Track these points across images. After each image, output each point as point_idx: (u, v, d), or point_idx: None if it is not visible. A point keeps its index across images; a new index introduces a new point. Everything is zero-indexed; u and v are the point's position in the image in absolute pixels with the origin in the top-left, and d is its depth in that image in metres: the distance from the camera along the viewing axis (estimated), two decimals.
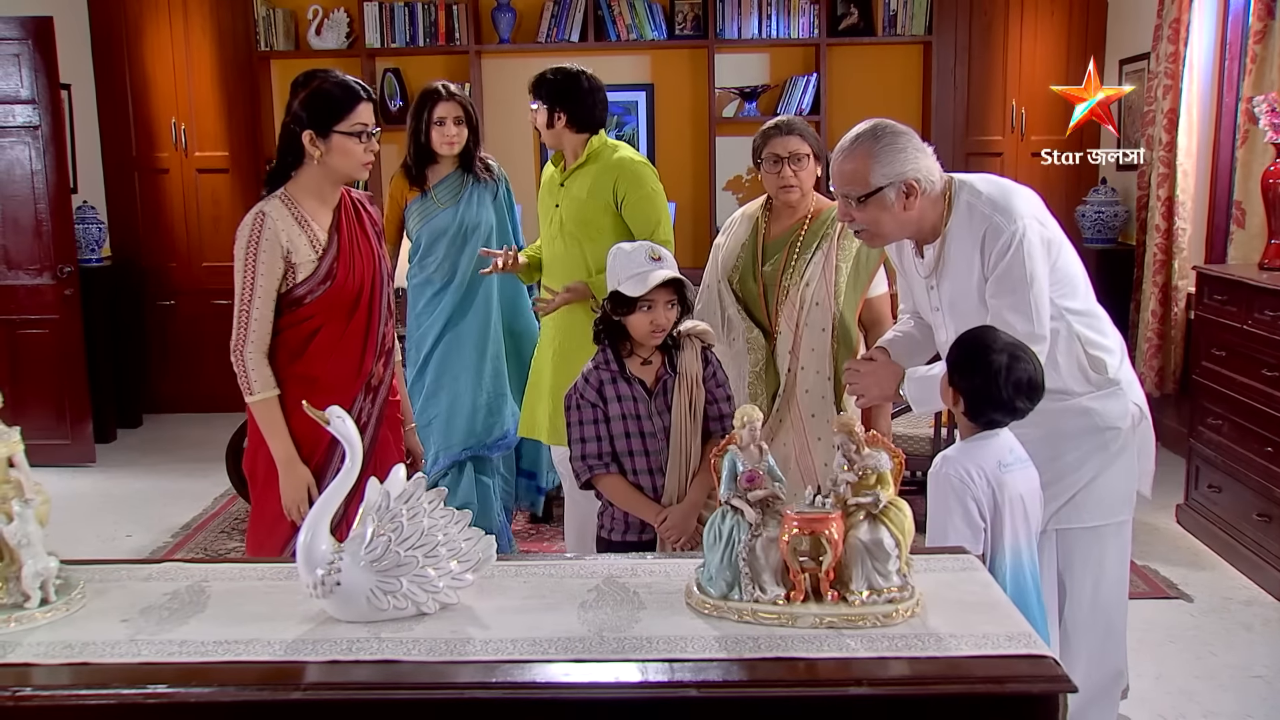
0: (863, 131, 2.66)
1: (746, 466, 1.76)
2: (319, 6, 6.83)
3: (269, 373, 2.75)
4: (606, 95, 3.79)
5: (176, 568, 2.02)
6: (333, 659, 1.66)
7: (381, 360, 2.91)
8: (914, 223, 2.69)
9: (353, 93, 2.77)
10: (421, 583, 1.77)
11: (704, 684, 1.56)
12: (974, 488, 2.24)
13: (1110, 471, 2.76)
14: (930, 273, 2.78)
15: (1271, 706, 3.38)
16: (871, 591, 1.70)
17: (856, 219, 2.68)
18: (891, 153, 2.61)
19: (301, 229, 2.76)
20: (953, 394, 2.33)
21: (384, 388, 2.93)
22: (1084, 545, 2.77)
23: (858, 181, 2.63)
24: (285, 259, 2.74)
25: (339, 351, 2.83)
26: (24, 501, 1.81)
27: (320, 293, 2.78)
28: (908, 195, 2.62)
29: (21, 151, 5.89)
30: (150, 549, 4.85)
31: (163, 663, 1.65)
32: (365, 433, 2.82)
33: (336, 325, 2.82)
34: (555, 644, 1.67)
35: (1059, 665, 1.55)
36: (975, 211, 2.65)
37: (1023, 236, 2.58)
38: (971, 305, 2.68)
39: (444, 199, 4.21)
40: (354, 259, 2.83)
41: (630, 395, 2.74)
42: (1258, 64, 4.78)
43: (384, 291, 2.91)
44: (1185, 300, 5.53)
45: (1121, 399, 2.77)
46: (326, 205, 2.83)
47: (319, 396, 2.46)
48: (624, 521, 2.80)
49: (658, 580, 1.88)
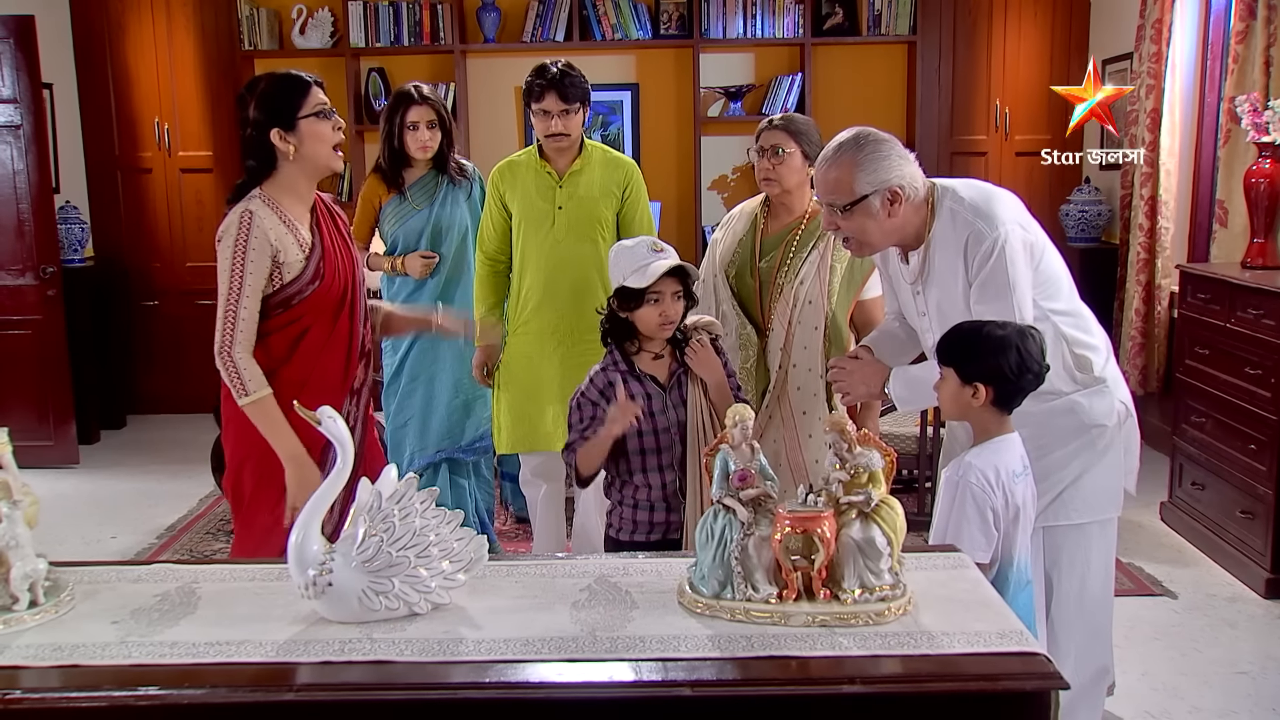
0: (845, 140, 2.66)
1: (738, 465, 1.76)
2: (303, 6, 6.80)
3: (260, 372, 2.70)
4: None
5: (166, 569, 2.01)
6: (325, 660, 1.65)
7: (363, 363, 2.90)
8: (899, 230, 2.70)
9: (301, 80, 2.78)
10: (413, 583, 1.77)
11: (697, 683, 1.56)
12: (994, 497, 2.24)
13: (1097, 469, 2.77)
14: (916, 279, 2.79)
15: (1255, 702, 3.40)
16: (864, 590, 1.70)
17: (842, 228, 2.68)
18: (875, 160, 2.61)
19: (287, 228, 2.74)
20: (972, 390, 2.30)
21: (366, 390, 2.92)
22: (1071, 542, 2.78)
23: (842, 190, 2.63)
24: (273, 259, 2.71)
25: (327, 353, 2.80)
26: (12, 503, 1.80)
27: (309, 293, 2.76)
28: (892, 202, 2.63)
29: (3, 151, 5.85)
30: (135, 550, 4.83)
31: (154, 664, 1.64)
32: (354, 434, 2.77)
33: (323, 327, 2.79)
34: (548, 644, 1.67)
35: (1050, 662, 1.56)
36: (958, 218, 2.66)
37: (1005, 242, 2.59)
38: (958, 312, 2.68)
39: (419, 200, 4.23)
40: (336, 259, 2.82)
41: (644, 393, 2.73)
42: (1239, 64, 4.80)
43: (362, 292, 2.90)
44: (1168, 299, 5.56)
45: (1108, 397, 2.78)
46: (304, 204, 2.82)
47: (308, 399, 2.42)
48: (632, 521, 2.79)
49: (650, 579, 1.88)
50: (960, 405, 2.32)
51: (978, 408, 2.31)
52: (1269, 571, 4.11)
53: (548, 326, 3.80)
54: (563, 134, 3.68)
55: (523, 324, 3.86)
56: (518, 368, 3.89)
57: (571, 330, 3.76)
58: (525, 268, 3.83)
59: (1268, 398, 4.11)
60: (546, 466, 3.96)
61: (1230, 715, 3.33)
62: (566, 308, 3.76)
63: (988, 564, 2.18)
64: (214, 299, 2.74)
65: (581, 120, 3.73)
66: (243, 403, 2.67)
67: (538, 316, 3.81)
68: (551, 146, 3.74)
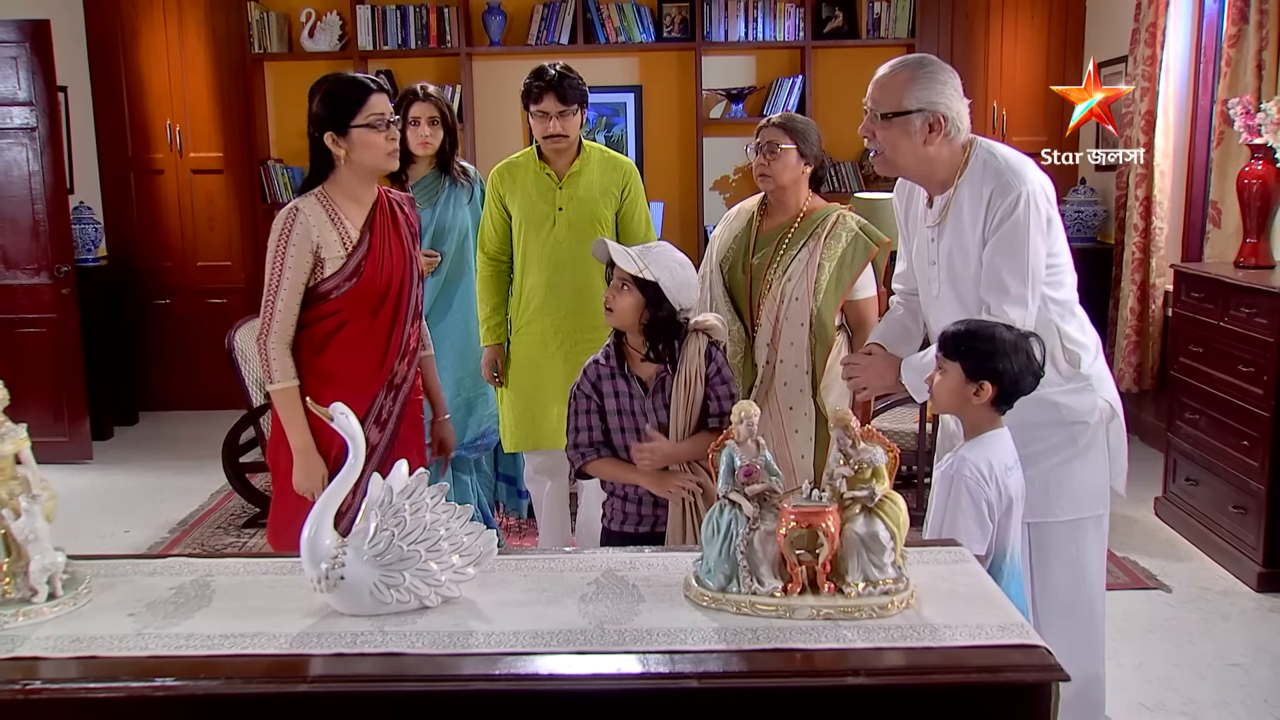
0: (910, 58, 2.68)
1: (744, 461, 1.75)
2: (312, 9, 6.80)
3: (290, 363, 2.79)
4: None
5: (181, 563, 2.01)
6: (338, 652, 1.65)
7: (405, 360, 2.93)
8: (928, 162, 2.67)
9: (362, 86, 2.81)
10: (424, 576, 1.76)
11: (705, 675, 1.55)
12: (988, 489, 2.23)
13: (1079, 465, 2.72)
14: (936, 223, 2.76)
15: (1249, 694, 3.40)
16: (867, 583, 1.70)
17: (877, 136, 2.66)
18: (930, 82, 2.61)
19: (334, 225, 2.80)
20: (976, 387, 2.30)
21: (407, 386, 2.94)
22: (1057, 539, 2.74)
23: (889, 99, 2.62)
24: (314, 254, 2.78)
25: (361, 348, 2.85)
26: (31, 497, 1.80)
27: (346, 289, 2.81)
28: (931, 129, 2.61)
29: (19, 153, 5.85)
30: (148, 544, 4.82)
31: (170, 656, 1.64)
32: (385, 429, 2.88)
33: (361, 322, 2.84)
34: (557, 636, 1.66)
35: (1051, 655, 1.55)
36: (989, 168, 2.65)
37: (1030, 200, 2.58)
38: (966, 263, 2.67)
39: (421, 200, 4.21)
40: (384, 258, 2.85)
41: (627, 392, 2.73)
42: (1232, 67, 4.80)
43: (412, 293, 2.93)
44: (1163, 298, 5.55)
45: (1090, 395, 2.74)
46: (361, 204, 2.87)
47: (338, 392, 2.51)
48: (622, 512, 2.80)
49: (656, 573, 1.88)
50: (959, 400, 2.32)
51: (976, 404, 2.30)
52: (1261, 565, 4.10)
53: (550, 326, 3.80)
54: (561, 135, 3.68)
55: (525, 325, 3.85)
56: (521, 368, 3.89)
57: (574, 330, 3.76)
58: (527, 268, 3.82)
59: (1260, 395, 4.10)
60: (550, 464, 3.95)
61: (1223, 707, 3.33)
62: (569, 307, 3.76)
63: (983, 555, 2.18)
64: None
65: (579, 122, 3.72)
66: (269, 389, 2.80)
67: (540, 317, 3.81)
68: (550, 148, 3.73)
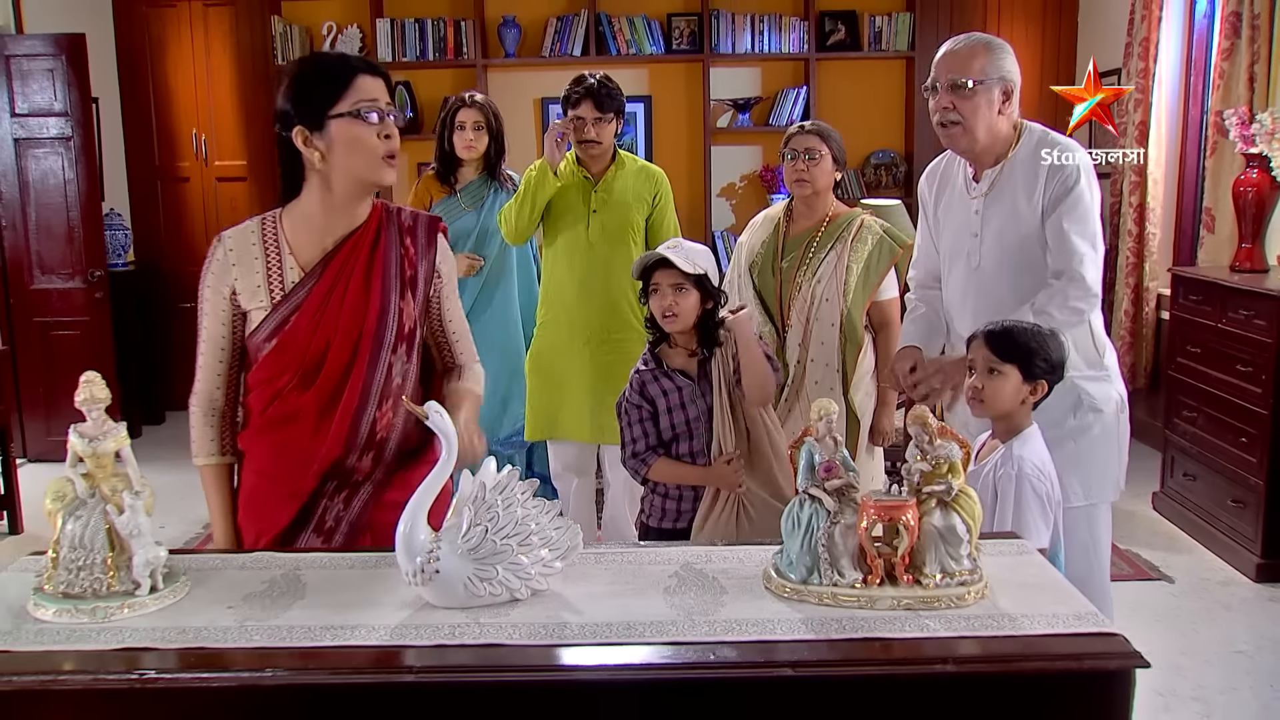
0: (975, 35, 2.76)
1: (824, 457, 1.75)
2: (333, 23, 6.80)
3: (211, 435, 2.26)
4: None
5: (269, 557, 1.99)
6: (438, 643, 1.63)
7: (368, 453, 2.13)
8: (994, 132, 2.74)
9: (344, 63, 2.03)
10: (516, 570, 1.75)
11: (798, 663, 1.55)
12: (1047, 484, 2.24)
13: (1095, 451, 2.75)
14: (983, 194, 2.79)
15: (1255, 679, 3.42)
16: (944, 575, 1.70)
17: (957, 107, 2.70)
18: (1003, 56, 2.71)
19: (264, 263, 2.09)
20: (1032, 387, 2.30)
21: (369, 484, 2.16)
22: (1072, 524, 2.69)
23: (973, 70, 2.68)
24: (230, 299, 2.11)
25: (291, 432, 2.12)
26: (134, 493, 1.80)
27: (267, 350, 2.10)
28: (1004, 99, 2.70)
29: (55, 162, 5.83)
30: (183, 540, 4.81)
31: (275, 647, 1.62)
32: (333, 539, 2.15)
33: (290, 399, 2.11)
34: (648, 627, 1.65)
35: (1129, 642, 1.56)
36: (1047, 140, 2.74)
37: (1088, 171, 2.67)
38: (1018, 230, 2.70)
39: (467, 203, 4.25)
40: (325, 313, 2.07)
41: (674, 387, 2.72)
42: (1225, 79, 4.83)
43: (379, 359, 2.10)
44: (1156, 300, 5.58)
45: (1109, 384, 2.77)
46: (330, 232, 2.09)
47: (268, 485, 2.14)
48: (662, 509, 2.80)
49: (733, 566, 1.87)
50: (1017, 401, 2.32)
51: (1027, 404, 2.32)
52: (1260, 557, 4.14)
53: (579, 324, 3.80)
54: (595, 141, 3.70)
55: (553, 318, 3.85)
56: (545, 359, 3.89)
57: (601, 330, 3.76)
58: (557, 262, 3.83)
59: (1258, 394, 4.13)
60: (578, 461, 3.95)
61: (1231, 692, 3.35)
62: (599, 309, 3.76)
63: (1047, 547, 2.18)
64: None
65: (615, 130, 3.73)
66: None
67: (570, 314, 3.81)
68: (584, 153, 3.75)
